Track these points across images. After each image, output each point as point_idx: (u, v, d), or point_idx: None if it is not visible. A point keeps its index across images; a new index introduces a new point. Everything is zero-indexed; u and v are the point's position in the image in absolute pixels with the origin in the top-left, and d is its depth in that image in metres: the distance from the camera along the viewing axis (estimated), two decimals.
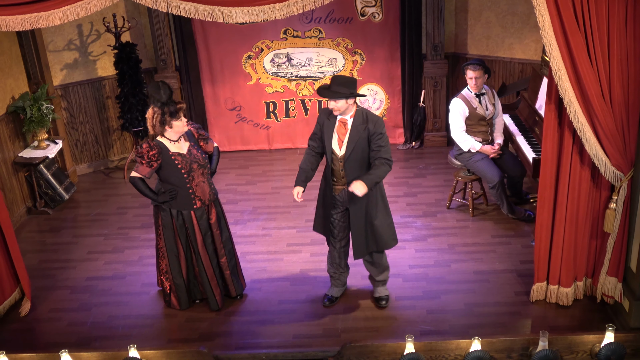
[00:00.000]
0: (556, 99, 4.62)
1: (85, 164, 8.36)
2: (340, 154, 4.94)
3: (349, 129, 4.90)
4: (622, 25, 4.26)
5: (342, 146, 4.92)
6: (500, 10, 7.82)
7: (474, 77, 6.29)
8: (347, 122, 4.91)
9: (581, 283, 5.25)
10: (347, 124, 4.91)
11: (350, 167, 4.93)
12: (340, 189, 5.03)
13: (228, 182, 7.85)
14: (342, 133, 4.92)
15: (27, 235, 6.95)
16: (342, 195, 5.04)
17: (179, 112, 4.88)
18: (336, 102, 4.79)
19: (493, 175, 6.36)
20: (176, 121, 4.90)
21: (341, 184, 5.02)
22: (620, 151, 4.56)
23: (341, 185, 5.02)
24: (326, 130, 4.96)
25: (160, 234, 5.26)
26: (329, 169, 5.03)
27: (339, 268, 5.42)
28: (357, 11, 8.11)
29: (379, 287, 5.47)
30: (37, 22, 4.42)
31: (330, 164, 5.00)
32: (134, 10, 8.06)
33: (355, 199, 4.94)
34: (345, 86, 4.77)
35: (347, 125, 4.91)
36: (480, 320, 5.20)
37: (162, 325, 5.38)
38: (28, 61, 7.36)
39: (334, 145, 4.95)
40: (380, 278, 5.41)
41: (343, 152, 4.93)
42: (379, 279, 5.41)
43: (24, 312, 5.57)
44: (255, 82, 8.49)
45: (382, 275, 5.40)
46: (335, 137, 4.95)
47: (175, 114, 4.87)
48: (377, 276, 5.39)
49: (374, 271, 5.37)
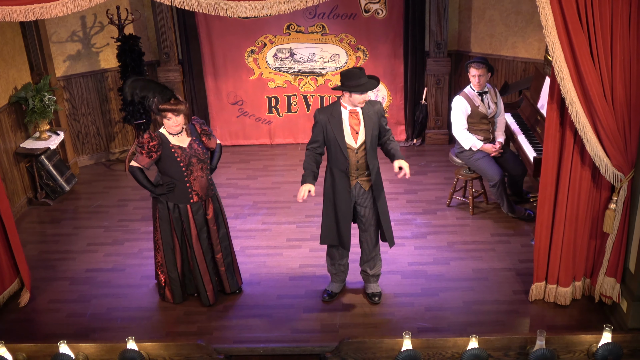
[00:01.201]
0: (558, 98, 4.61)
1: (86, 156, 8.37)
2: (358, 144, 4.93)
3: (362, 118, 4.91)
4: (626, 25, 4.26)
5: (358, 137, 4.92)
6: (504, 9, 7.80)
7: (477, 75, 6.29)
8: (358, 112, 4.91)
9: (580, 283, 5.26)
10: (358, 114, 4.91)
11: (370, 156, 4.95)
12: (355, 182, 5.03)
13: (229, 176, 7.86)
14: (356, 124, 4.91)
15: (27, 226, 6.97)
16: (356, 189, 5.05)
17: (163, 111, 4.89)
18: None
19: (494, 174, 6.36)
20: (165, 120, 4.93)
21: (356, 176, 5.01)
22: (621, 152, 4.56)
23: (356, 179, 5.02)
24: (334, 127, 4.90)
25: (157, 227, 5.28)
26: (342, 166, 4.97)
27: (341, 267, 5.44)
28: (361, 7, 8.10)
29: (372, 282, 5.49)
30: (40, 13, 4.41)
31: (344, 161, 4.94)
32: (138, 3, 8.06)
33: (378, 188, 5.04)
34: (374, 79, 4.85)
35: (359, 114, 4.91)
36: (478, 319, 5.21)
37: (161, 318, 5.39)
38: (31, 52, 7.36)
39: (347, 139, 4.92)
40: (374, 272, 5.43)
41: (362, 141, 4.92)
42: (373, 273, 5.43)
43: (23, 303, 5.59)
44: (258, 76, 8.49)
45: (376, 269, 5.42)
46: (347, 130, 4.92)
47: (158, 114, 4.91)
48: (371, 269, 5.41)
49: (370, 264, 5.38)
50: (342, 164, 4.97)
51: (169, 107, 4.89)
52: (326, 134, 4.94)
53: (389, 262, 5.93)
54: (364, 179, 5.03)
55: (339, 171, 5.00)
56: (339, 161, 4.97)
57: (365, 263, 5.39)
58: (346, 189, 5.03)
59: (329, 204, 5.13)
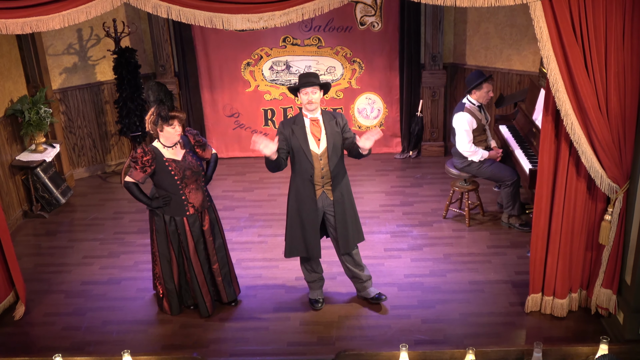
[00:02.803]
0: (553, 110, 4.63)
1: (82, 168, 8.36)
2: (321, 150, 5.02)
3: (323, 126, 5.03)
4: (620, 38, 4.29)
5: (320, 143, 5.03)
6: (499, 22, 7.85)
7: (492, 90, 6.44)
8: (318, 119, 5.04)
9: (576, 295, 5.26)
10: (319, 121, 5.04)
11: (332, 162, 5.05)
12: (321, 192, 5.11)
13: (225, 188, 7.85)
14: (317, 131, 5.03)
15: (22, 238, 6.94)
16: (322, 199, 5.14)
17: (171, 118, 4.89)
18: (314, 94, 4.93)
19: (511, 174, 6.47)
20: (167, 127, 4.92)
21: (321, 185, 5.10)
22: (617, 163, 4.57)
23: (321, 187, 5.10)
24: (298, 136, 5.01)
25: (154, 239, 5.27)
26: (307, 174, 5.05)
27: (318, 274, 5.51)
28: (357, 20, 8.14)
29: (369, 287, 5.52)
30: (37, 26, 4.42)
31: (310, 168, 5.03)
32: (134, 16, 8.08)
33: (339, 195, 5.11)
34: (316, 77, 4.97)
35: (320, 122, 5.04)
36: (475, 330, 5.20)
37: (156, 331, 5.37)
38: (27, 64, 7.37)
39: (312, 147, 5.02)
40: (366, 275, 5.47)
41: (324, 147, 5.03)
42: (365, 276, 5.46)
43: (18, 316, 5.55)
44: (254, 89, 8.51)
45: (366, 272, 5.47)
46: (310, 138, 5.02)
47: (167, 119, 4.89)
48: (362, 273, 5.44)
49: (357, 270, 5.41)
50: (307, 172, 5.05)
51: (176, 113, 4.90)
52: (291, 143, 5.04)
53: (385, 274, 5.93)
54: (329, 187, 5.12)
55: (304, 180, 5.07)
56: (303, 169, 5.05)
57: (354, 269, 5.41)
58: (311, 197, 5.10)
59: (294, 216, 5.21)
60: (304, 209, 5.14)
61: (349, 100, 8.56)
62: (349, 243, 5.25)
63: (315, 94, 4.95)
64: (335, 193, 5.14)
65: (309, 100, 4.95)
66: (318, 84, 4.97)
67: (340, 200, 5.16)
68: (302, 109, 5.06)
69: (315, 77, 4.97)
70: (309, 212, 5.14)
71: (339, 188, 5.14)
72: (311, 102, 4.96)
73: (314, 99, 4.95)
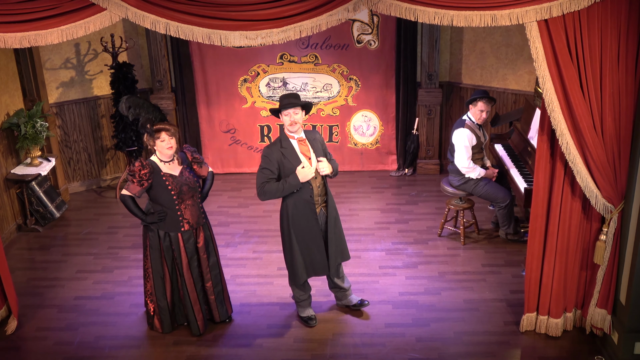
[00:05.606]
0: (548, 130, 4.66)
1: (77, 183, 8.35)
2: (314, 168, 5.03)
3: (309, 144, 5.08)
4: (615, 59, 4.32)
5: (312, 162, 5.05)
6: (495, 42, 7.91)
7: (486, 111, 6.40)
8: (304, 139, 5.07)
9: (571, 314, 5.26)
10: (305, 141, 5.08)
11: (325, 179, 5.13)
12: (319, 209, 5.15)
13: (220, 204, 7.85)
14: (306, 150, 5.06)
15: (16, 252, 6.91)
16: (320, 216, 5.17)
17: (157, 132, 4.91)
18: (296, 114, 4.94)
19: (505, 195, 6.49)
20: (157, 140, 4.94)
21: (319, 203, 5.14)
22: (611, 183, 4.59)
23: (319, 205, 5.15)
24: (290, 159, 4.99)
25: (148, 255, 5.24)
26: (306, 195, 5.03)
27: (308, 291, 5.53)
28: (354, 38, 8.19)
29: (350, 294, 5.61)
30: (35, 40, 4.44)
31: (309, 188, 5.03)
32: (132, 31, 8.12)
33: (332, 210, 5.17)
34: (297, 98, 4.98)
35: (306, 141, 5.08)
36: (469, 349, 5.18)
37: (150, 347, 5.33)
38: (24, 78, 7.38)
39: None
40: (348, 284, 5.58)
41: (316, 165, 5.06)
42: (347, 286, 5.57)
43: (10, 331, 5.52)
44: (251, 105, 8.53)
45: (346, 283, 5.58)
46: (303, 158, 5.02)
47: (152, 133, 4.90)
48: (345, 284, 5.54)
49: (339, 281, 5.51)
50: (306, 192, 5.03)
51: (162, 125, 4.91)
52: (282, 167, 5.00)
53: (380, 292, 5.91)
54: (324, 204, 5.17)
55: (304, 201, 5.05)
56: (303, 191, 5.02)
57: (336, 280, 5.49)
58: (314, 217, 5.09)
59: (294, 242, 5.14)
60: (305, 230, 5.11)
61: (345, 117, 8.59)
62: (343, 254, 5.33)
63: (297, 114, 4.94)
64: (329, 209, 5.16)
65: (292, 122, 4.95)
66: (299, 104, 4.96)
67: (334, 215, 5.21)
68: (285, 130, 5.04)
69: (295, 98, 4.96)
70: (311, 231, 5.11)
71: (331, 204, 5.19)
72: (294, 123, 4.95)
73: (296, 119, 4.94)
